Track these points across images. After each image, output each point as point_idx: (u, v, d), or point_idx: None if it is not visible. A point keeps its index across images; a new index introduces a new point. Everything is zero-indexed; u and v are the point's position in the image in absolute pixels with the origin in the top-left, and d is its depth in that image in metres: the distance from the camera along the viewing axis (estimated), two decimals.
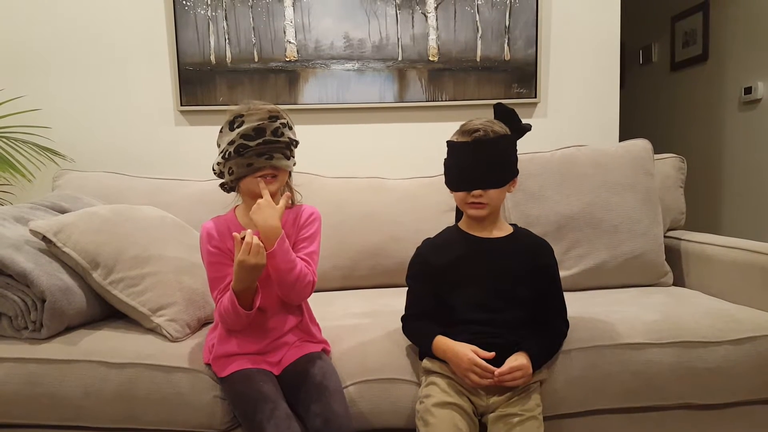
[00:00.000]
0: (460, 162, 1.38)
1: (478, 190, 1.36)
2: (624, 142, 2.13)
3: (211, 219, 1.43)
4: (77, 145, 2.42)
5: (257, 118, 1.32)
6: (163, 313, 1.52)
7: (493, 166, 1.36)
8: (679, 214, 2.16)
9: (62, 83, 2.41)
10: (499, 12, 2.45)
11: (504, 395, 1.32)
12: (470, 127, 1.37)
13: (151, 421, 1.38)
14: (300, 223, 1.45)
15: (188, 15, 2.38)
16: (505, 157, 1.39)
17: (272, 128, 1.33)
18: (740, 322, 1.53)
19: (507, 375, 1.27)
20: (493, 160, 1.36)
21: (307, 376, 1.34)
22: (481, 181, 1.36)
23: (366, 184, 2.17)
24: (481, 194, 1.36)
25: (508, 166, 1.40)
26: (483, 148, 1.35)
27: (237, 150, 1.32)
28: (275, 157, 1.34)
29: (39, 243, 1.53)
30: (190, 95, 2.42)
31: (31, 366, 1.39)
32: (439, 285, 1.42)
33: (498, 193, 1.39)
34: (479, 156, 1.35)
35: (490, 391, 1.33)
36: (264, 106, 1.36)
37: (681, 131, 3.62)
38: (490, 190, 1.37)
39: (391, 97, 2.48)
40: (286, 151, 1.37)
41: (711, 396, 1.48)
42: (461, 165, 1.38)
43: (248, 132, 1.31)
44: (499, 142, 1.37)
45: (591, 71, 2.55)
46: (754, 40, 2.95)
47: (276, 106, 1.38)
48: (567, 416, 1.46)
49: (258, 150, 1.32)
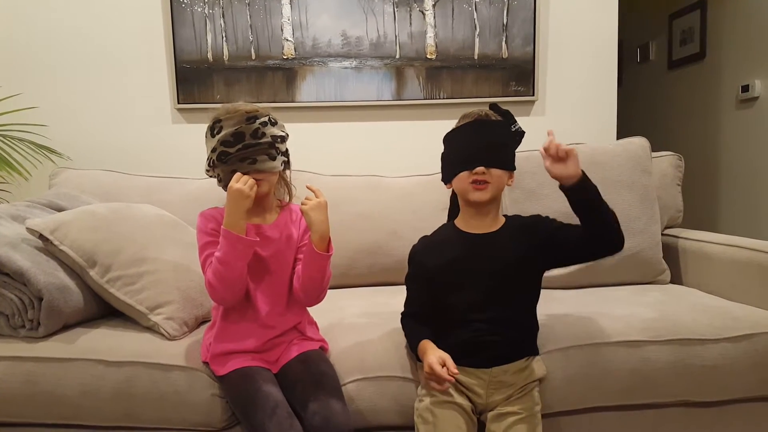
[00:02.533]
0: (462, 144, 1.36)
1: (481, 167, 1.31)
2: (622, 140, 2.14)
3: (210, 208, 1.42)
4: (74, 143, 2.41)
5: (234, 122, 1.30)
6: (160, 312, 1.52)
7: (495, 147, 1.34)
8: (676, 212, 2.17)
9: (59, 81, 2.40)
10: (496, 10, 2.45)
11: (504, 395, 1.32)
12: (467, 113, 1.38)
13: (148, 419, 1.38)
14: (301, 224, 1.45)
15: (185, 13, 2.37)
16: (506, 142, 1.37)
17: (251, 131, 1.31)
18: (737, 320, 1.54)
19: (559, 145, 1.26)
20: (496, 140, 1.34)
21: (305, 374, 1.34)
22: (483, 159, 1.32)
23: (363, 182, 2.16)
24: (484, 171, 1.31)
25: (509, 151, 1.38)
26: (485, 127, 1.34)
27: (219, 157, 1.31)
28: (259, 161, 1.32)
29: (36, 241, 1.52)
30: (188, 93, 2.41)
31: (28, 364, 1.38)
32: (437, 286, 1.39)
33: (500, 175, 1.34)
34: (482, 135, 1.33)
35: (490, 390, 1.33)
36: (241, 107, 1.33)
37: (678, 129, 3.63)
38: (494, 170, 1.32)
39: (389, 95, 2.48)
40: (271, 150, 1.33)
41: (708, 393, 1.49)
42: (463, 146, 1.35)
43: (227, 138, 1.30)
44: (500, 125, 1.36)
45: (589, 69, 2.55)
46: (751, 39, 2.96)
47: (254, 105, 1.35)
48: (565, 414, 1.46)
49: (239, 155, 1.31)
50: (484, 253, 1.38)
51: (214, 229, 1.35)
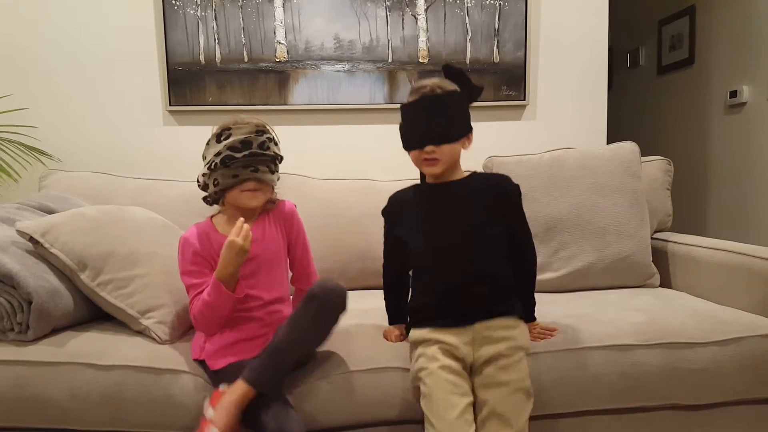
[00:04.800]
0: (413, 121, 1.40)
1: (430, 146, 1.37)
2: (612, 145, 2.15)
3: (189, 228, 1.46)
4: (64, 145, 2.39)
5: (245, 131, 1.38)
6: (151, 315, 1.51)
7: (442, 122, 1.38)
8: (665, 216, 2.19)
9: (49, 82, 2.39)
10: (488, 14, 2.46)
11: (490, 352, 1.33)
12: (418, 86, 1.41)
13: (139, 423, 1.37)
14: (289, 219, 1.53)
15: (177, 15, 2.37)
16: (455, 112, 1.41)
17: (259, 142, 1.39)
18: (726, 323, 1.55)
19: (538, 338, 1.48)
20: (442, 114, 1.38)
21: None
22: (431, 137, 1.37)
23: (356, 185, 2.17)
24: (433, 150, 1.38)
25: (458, 121, 1.42)
26: (431, 104, 1.38)
27: (223, 161, 1.37)
28: (260, 170, 1.40)
29: (26, 244, 1.51)
30: (179, 95, 2.41)
31: (17, 368, 1.37)
32: (406, 235, 1.46)
33: (450, 149, 1.39)
34: (428, 112, 1.38)
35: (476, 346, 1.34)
36: (251, 121, 1.41)
37: (667, 134, 3.66)
38: (443, 146, 1.38)
39: (382, 99, 2.48)
40: (271, 165, 1.43)
41: (697, 396, 1.50)
42: (413, 123, 1.40)
43: (235, 144, 1.37)
44: (447, 98, 1.39)
45: (579, 74, 2.57)
46: (739, 45, 2.99)
47: (263, 122, 1.44)
48: (555, 416, 1.47)
49: (244, 162, 1.38)
50: (448, 199, 1.45)
51: (197, 254, 1.40)
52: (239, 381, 1.26)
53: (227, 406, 1.22)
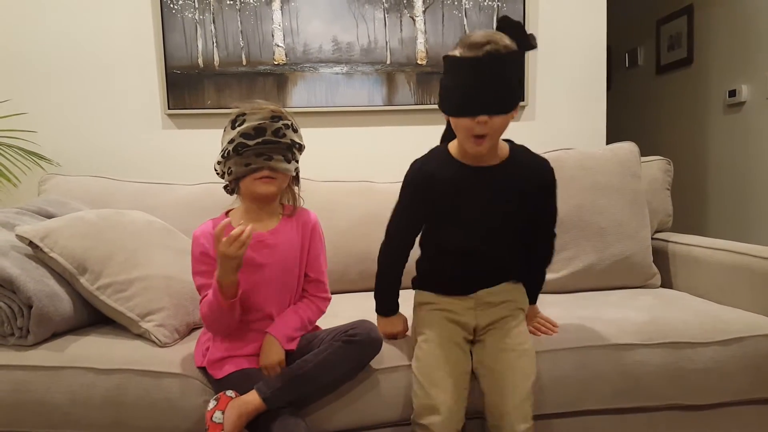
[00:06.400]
0: (465, 81, 1.21)
1: (484, 117, 1.21)
2: (611, 145, 2.15)
3: (203, 224, 1.41)
4: (63, 149, 2.39)
5: (259, 117, 1.30)
6: (151, 319, 1.51)
7: (501, 87, 1.21)
8: (666, 216, 2.18)
9: (48, 86, 2.39)
10: (486, 16, 2.47)
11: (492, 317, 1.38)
12: (477, 40, 1.19)
13: (139, 427, 1.36)
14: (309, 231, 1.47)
15: (176, 18, 2.37)
16: (515, 75, 1.26)
17: (273, 128, 1.31)
18: (727, 323, 1.55)
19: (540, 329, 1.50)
20: (502, 78, 1.21)
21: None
22: (487, 105, 1.21)
23: (355, 187, 2.16)
24: (486, 120, 1.21)
25: (517, 86, 1.27)
26: (493, 64, 1.18)
27: (236, 149, 1.30)
28: (274, 159, 1.32)
29: (25, 248, 1.51)
30: (178, 99, 2.41)
31: (17, 373, 1.37)
32: (431, 218, 1.42)
33: (502, 122, 1.25)
34: (490, 74, 1.19)
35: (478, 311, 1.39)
36: (267, 106, 1.33)
37: (667, 134, 3.66)
38: (496, 117, 1.22)
39: (380, 101, 2.49)
40: (287, 153, 1.35)
41: (699, 397, 1.50)
42: (466, 85, 1.21)
43: (248, 131, 1.29)
44: (509, 59, 1.21)
45: (578, 74, 2.57)
46: (737, 44, 2.99)
47: (279, 107, 1.35)
48: (556, 416, 1.47)
49: (257, 150, 1.30)
50: (484, 189, 1.35)
51: (205, 253, 1.36)
52: (254, 395, 1.24)
53: (239, 416, 1.22)
